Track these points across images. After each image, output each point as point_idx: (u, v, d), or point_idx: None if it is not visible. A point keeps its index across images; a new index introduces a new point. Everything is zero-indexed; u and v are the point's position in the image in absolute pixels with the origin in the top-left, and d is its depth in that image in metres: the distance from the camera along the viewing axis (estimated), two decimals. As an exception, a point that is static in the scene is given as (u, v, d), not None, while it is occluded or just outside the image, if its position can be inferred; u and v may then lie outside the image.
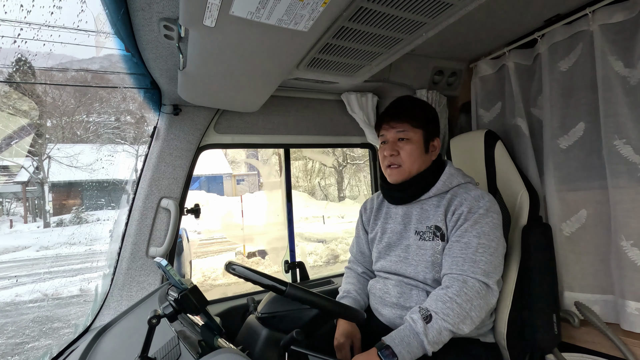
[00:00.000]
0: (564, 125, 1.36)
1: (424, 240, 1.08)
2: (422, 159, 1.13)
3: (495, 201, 1.06)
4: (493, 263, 0.98)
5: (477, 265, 0.96)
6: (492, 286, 0.97)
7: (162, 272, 1.42)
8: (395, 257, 1.15)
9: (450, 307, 0.91)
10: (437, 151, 1.16)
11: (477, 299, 0.94)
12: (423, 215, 1.12)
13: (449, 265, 1.00)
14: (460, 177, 1.12)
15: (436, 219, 1.08)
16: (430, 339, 0.88)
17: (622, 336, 1.19)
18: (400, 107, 1.15)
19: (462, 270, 0.97)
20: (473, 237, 0.99)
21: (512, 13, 1.34)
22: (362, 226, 1.34)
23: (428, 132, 1.14)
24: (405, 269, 1.11)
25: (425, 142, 1.13)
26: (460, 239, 1.01)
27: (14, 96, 8.53)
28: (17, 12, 1.24)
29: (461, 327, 0.91)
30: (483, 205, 1.02)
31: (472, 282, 0.94)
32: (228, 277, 5.93)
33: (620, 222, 1.18)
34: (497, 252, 1.00)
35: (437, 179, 1.11)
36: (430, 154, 1.15)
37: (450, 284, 0.96)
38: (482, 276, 0.95)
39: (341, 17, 0.99)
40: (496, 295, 0.99)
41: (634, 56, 1.18)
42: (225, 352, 0.64)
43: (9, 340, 3.30)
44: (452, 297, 0.93)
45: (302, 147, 1.91)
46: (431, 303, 0.94)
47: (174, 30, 0.95)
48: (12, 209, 13.35)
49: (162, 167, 1.44)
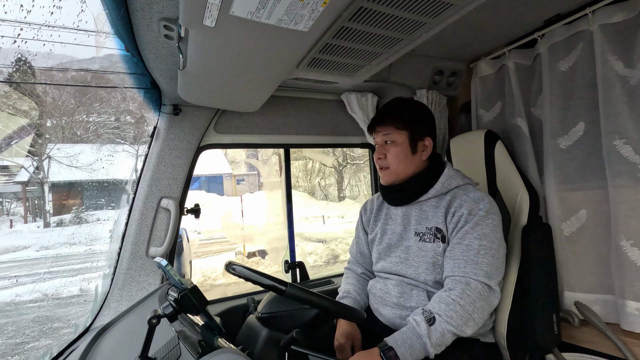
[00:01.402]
0: (564, 125, 1.36)
1: (424, 242, 1.09)
2: (409, 160, 1.14)
3: (494, 203, 1.07)
4: (495, 265, 0.98)
5: (479, 267, 0.96)
6: (494, 288, 0.98)
7: (162, 272, 1.42)
8: (396, 258, 1.15)
9: (453, 310, 0.91)
10: (428, 150, 1.15)
11: (480, 300, 0.94)
12: (422, 216, 1.12)
13: (451, 268, 1.00)
14: (459, 178, 1.12)
15: (436, 220, 1.08)
16: (434, 341, 0.89)
17: (622, 336, 1.19)
18: (386, 111, 1.18)
19: (464, 272, 0.97)
20: (474, 239, 0.99)
21: (512, 13, 1.34)
22: (362, 227, 1.34)
23: (414, 133, 1.14)
24: (405, 270, 1.12)
25: (411, 143, 1.14)
26: (461, 241, 1.01)
27: (14, 96, 8.54)
28: (17, 12, 1.24)
29: (464, 330, 0.92)
30: (483, 207, 1.03)
31: (475, 284, 0.95)
32: (228, 277, 5.93)
33: (620, 222, 1.18)
34: (498, 254, 1.00)
35: (436, 181, 1.12)
36: (420, 154, 1.15)
37: (453, 286, 0.96)
38: (484, 278, 0.96)
39: (341, 17, 0.99)
40: (498, 297, 1.00)
41: (634, 56, 1.18)
42: (225, 352, 0.64)
43: (9, 340, 3.30)
44: (455, 299, 0.93)
45: (302, 147, 1.91)
46: (434, 305, 0.95)
47: (174, 30, 0.95)
48: (12, 209, 13.35)
49: (162, 167, 1.44)
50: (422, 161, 1.16)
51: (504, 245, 1.05)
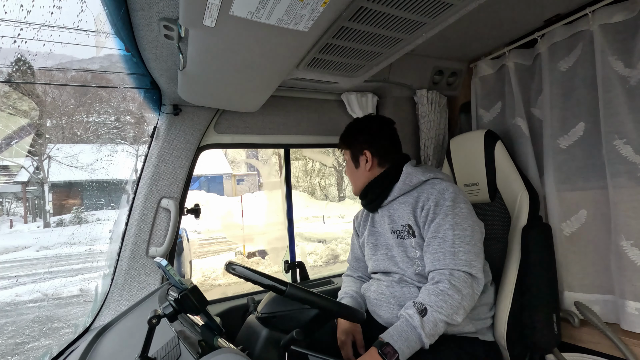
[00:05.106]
0: (564, 125, 1.36)
1: (402, 239, 1.14)
2: (356, 174, 1.27)
3: (460, 190, 1.10)
4: (473, 252, 1.01)
5: (458, 257, 0.99)
6: (476, 275, 1.00)
7: (162, 272, 1.42)
8: (382, 255, 1.21)
9: (443, 299, 0.94)
10: (370, 162, 1.22)
11: (466, 288, 0.97)
12: (395, 215, 1.18)
13: (432, 262, 1.03)
14: (420, 174, 1.16)
15: (406, 217, 1.13)
16: (427, 331, 0.91)
17: (622, 336, 1.19)
18: (341, 136, 1.33)
19: (444, 264, 1.00)
20: (448, 230, 1.02)
21: (512, 13, 1.34)
22: (355, 232, 1.42)
23: (354, 150, 1.27)
24: (392, 267, 1.17)
25: (353, 159, 1.27)
26: (436, 234, 1.04)
27: (14, 96, 8.53)
28: (17, 12, 1.24)
29: (455, 318, 0.94)
30: (449, 197, 1.05)
31: (458, 274, 0.98)
32: (228, 277, 5.93)
33: (620, 222, 1.18)
34: (473, 240, 1.03)
35: (397, 181, 1.18)
36: (364, 166, 1.24)
37: (439, 279, 0.99)
38: (465, 267, 0.99)
39: (341, 17, 0.99)
40: (482, 283, 1.02)
41: (634, 56, 1.18)
42: (225, 352, 0.64)
43: (9, 340, 3.30)
44: (443, 290, 0.96)
45: (302, 147, 1.91)
46: (424, 297, 0.97)
47: (174, 30, 0.95)
48: (12, 209, 13.35)
49: (162, 167, 1.44)
50: (368, 171, 1.24)
51: (478, 230, 1.07)
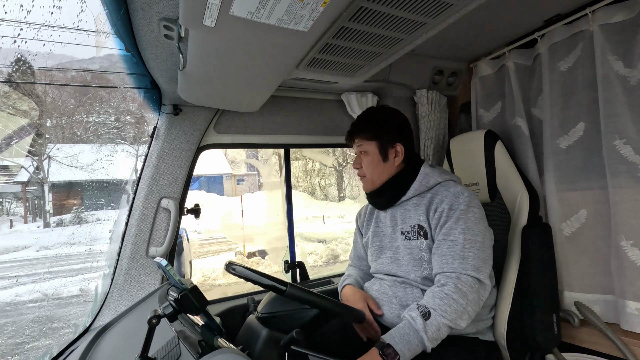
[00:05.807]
0: (564, 125, 1.36)
1: (409, 240, 1.12)
2: (381, 167, 1.19)
3: (474, 196, 1.09)
4: (481, 257, 1.00)
5: (467, 261, 0.98)
6: (484, 280, 0.99)
7: (162, 272, 1.42)
8: (387, 258, 1.19)
9: (447, 304, 0.93)
10: (400, 156, 1.18)
11: (472, 293, 0.96)
12: (406, 215, 1.16)
13: (440, 265, 1.02)
14: (437, 175, 1.14)
15: (418, 218, 1.11)
16: (430, 335, 0.90)
17: (622, 336, 1.19)
18: (357, 123, 1.24)
19: (452, 267, 0.99)
20: (459, 233, 1.01)
21: (512, 13, 1.34)
22: (359, 230, 1.40)
23: (383, 142, 1.19)
24: (397, 270, 1.15)
25: (382, 151, 1.19)
26: (446, 237, 1.03)
27: (14, 96, 8.54)
28: (17, 12, 1.24)
29: (459, 323, 0.93)
30: (463, 201, 1.04)
31: (465, 278, 0.97)
32: (228, 277, 5.93)
33: (620, 222, 1.18)
34: (483, 246, 1.02)
35: (414, 181, 1.15)
36: (393, 160, 1.19)
37: (445, 282, 0.98)
38: (473, 272, 0.98)
39: (341, 17, 0.99)
40: (488, 289, 1.01)
41: (634, 56, 1.18)
42: (225, 352, 0.64)
43: (9, 340, 3.30)
44: (448, 293, 0.95)
45: (302, 147, 1.91)
46: (429, 300, 0.96)
47: (174, 30, 0.95)
48: (12, 209, 13.34)
49: (162, 167, 1.44)
50: (396, 166, 1.19)
51: (489, 237, 1.06)
